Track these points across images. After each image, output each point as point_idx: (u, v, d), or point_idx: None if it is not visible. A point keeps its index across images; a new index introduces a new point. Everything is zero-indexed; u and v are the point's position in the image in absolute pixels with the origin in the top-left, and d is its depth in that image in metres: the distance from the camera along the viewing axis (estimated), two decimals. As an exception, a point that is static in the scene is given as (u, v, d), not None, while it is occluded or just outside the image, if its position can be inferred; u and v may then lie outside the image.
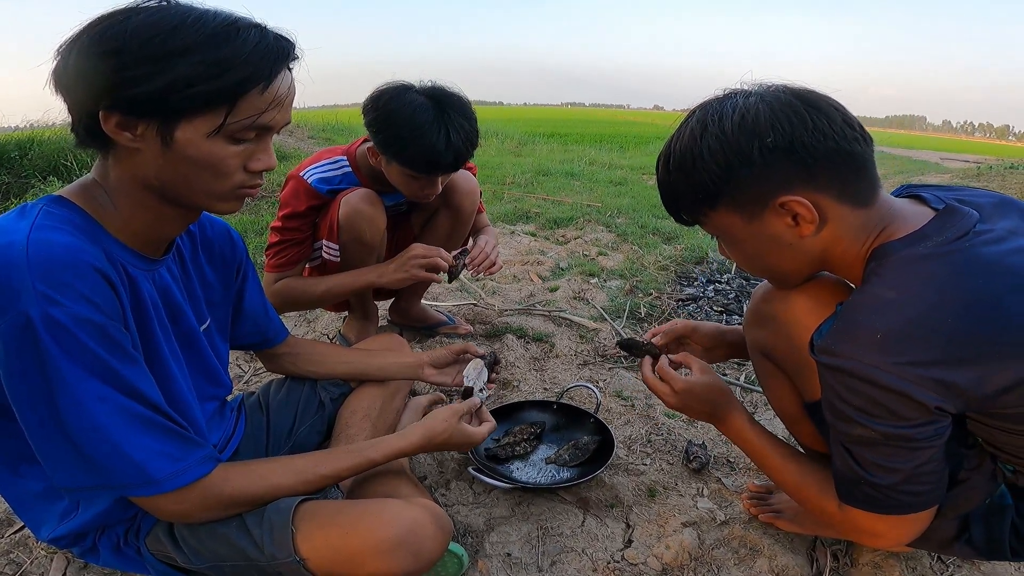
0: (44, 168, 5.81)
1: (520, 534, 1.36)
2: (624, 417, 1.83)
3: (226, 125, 0.80)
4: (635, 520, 1.41)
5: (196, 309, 1.07)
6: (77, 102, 0.80)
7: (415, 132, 1.55)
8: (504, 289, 2.89)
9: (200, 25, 0.77)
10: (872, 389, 0.79)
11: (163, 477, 0.81)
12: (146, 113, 0.78)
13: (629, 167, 8.11)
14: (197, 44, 0.77)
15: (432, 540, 0.94)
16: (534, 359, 2.20)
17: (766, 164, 0.85)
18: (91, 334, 0.75)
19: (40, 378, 0.73)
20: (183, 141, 0.80)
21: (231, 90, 0.79)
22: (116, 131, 0.79)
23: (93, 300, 0.76)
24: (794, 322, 1.00)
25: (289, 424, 1.34)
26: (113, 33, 0.76)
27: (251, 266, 1.25)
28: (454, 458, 1.62)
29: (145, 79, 0.75)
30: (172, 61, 0.76)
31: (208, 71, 0.77)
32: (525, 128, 14.92)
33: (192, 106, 0.78)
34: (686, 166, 0.91)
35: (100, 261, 0.79)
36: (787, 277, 1.00)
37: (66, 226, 0.80)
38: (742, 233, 0.94)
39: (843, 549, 1.32)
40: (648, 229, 4.05)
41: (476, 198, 2.02)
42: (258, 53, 0.80)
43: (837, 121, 0.84)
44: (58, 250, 0.75)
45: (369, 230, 1.78)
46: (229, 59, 0.78)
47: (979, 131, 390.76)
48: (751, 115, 0.86)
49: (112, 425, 0.77)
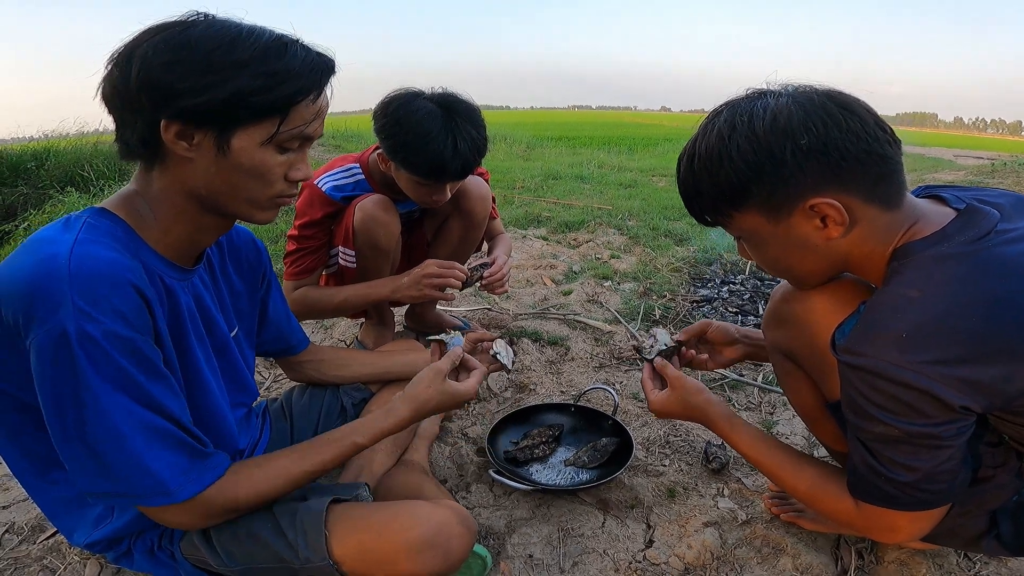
0: (61, 179, 5.86)
1: (541, 535, 1.37)
2: (642, 419, 1.83)
3: (278, 134, 0.85)
4: (655, 520, 1.42)
5: (226, 317, 1.09)
6: (137, 111, 0.82)
7: (422, 139, 1.57)
8: (518, 293, 2.90)
9: (255, 39, 0.82)
10: (895, 388, 0.80)
11: (176, 488, 0.83)
12: (206, 122, 0.81)
13: (638, 169, 8.11)
14: (255, 57, 0.81)
15: (460, 540, 0.95)
16: (550, 362, 2.21)
17: (798, 166, 0.84)
18: (121, 350, 0.78)
19: (70, 388, 0.76)
20: (238, 149, 0.84)
21: (287, 100, 0.83)
22: (174, 140, 0.82)
23: (127, 316, 0.78)
24: (815, 322, 1.00)
25: (312, 429, 1.36)
26: (177, 43, 0.79)
27: (274, 274, 1.27)
28: (474, 461, 1.63)
29: (210, 88, 0.79)
30: (236, 72, 0.79)
31: (267, 82, 0.81)
32: (533, 132, 14.97)
33: (251, 115, 0.82)
34: (712, 166, 0.90)
35: (139, 277, 0.82)
36: (809, 278, 1.00)
37: (108, 239, 0.82)
38: (767, 234, 0.93)
39: (868, 547, 1.32)
40: (660, 231, 4.05)
41: (488, 203, 2.03)
42: (308, 66, 0.84)
43: (869, 123, 0.84)
44: (99, 265, 0.78)
45: (384, 235, 1.80)
46: (285, 71, 0.82)
47: (991, 127, 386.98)
48: (784, 116, 0.85)
49: (133, 437, 0.79)
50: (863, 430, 0.87)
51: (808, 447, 1.70)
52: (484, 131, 1.66)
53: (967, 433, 0.84)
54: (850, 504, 0.96)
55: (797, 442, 1.71)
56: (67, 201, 4.67)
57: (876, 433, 0.85)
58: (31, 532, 1.39)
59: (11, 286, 0.77)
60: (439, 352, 1.23)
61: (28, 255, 0.79)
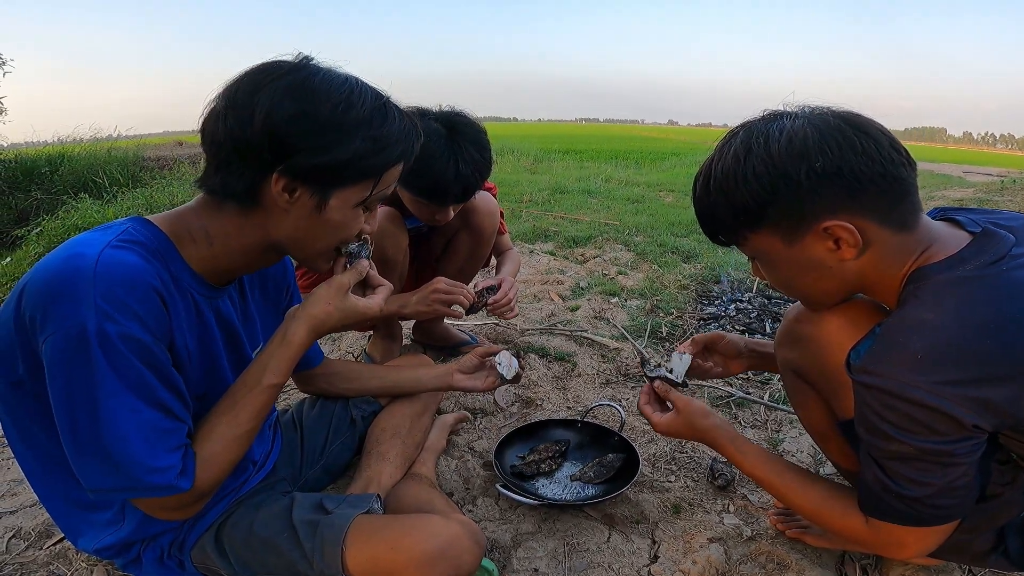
0: (75, 184, 5.91)
1: (547, 550, 1.37)
2: (648, 435, 1.84)
3: (372, 197, 0.88)
4: (661, 536, 1.42)
5: (251, 333, 1.11)
6: (251, 160, 0.82)
7: (424, 162, 1.57)
8: (525, 309, 2.91)
9: (363, 99, 0.83)
10: (909, 407, 0.81)
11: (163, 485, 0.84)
12: (313, 180, 0.83)
13: (645, 184, 8.14)
14: (366, 118, 0.82)
15: (470, 555, 0.97)
16: (557, 378, 2.22)
17: (813, 188, 0.85)
18: (136, 352, 0.80)
19: (83, 384, 0.78)
20: (333, 208, 0.86)
21: (386, 165, 0.86)
22: (278, 192, 0.83)
23: (145, 320, 0.81)
24: (828, 342, 1.01)
25: (322, 441, 1.38)
26: (301, 94, 0.80)
27: (297, 288, 1.28)
28: (480, 475, 1.64)
29: (329, 149, 0.81)
30: (352, 133, 0.81)
31: (375, 147, 0.83)
32: (540, 144, 15.02)
33: (355, 177, 0.85)
34: (728, 187, 0.91)
35: (162, 283, 0.84)
36: (822, 299, 1.01)
37: (139, 247, 0.84)
38: (781, 255, 0.94)
39: (872, 563, 1.32)
40: (667, 247, 4.06)
41: (496, 219, 2.05)
42: (405, 131, 0.87)
43: (884, 145, 0.85)
44: (124, 269, 0.80)
45: (391, 248, 1.82)
46: (387, 136, 0.84)
47: (1000, 142, 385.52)
48: (799, 138, 0.86)
49: (141, 435, 0.81)
50: (877, 448, 0.88)
51: (814, 464, 1.70)
52: (488, 153, 1.67)
53: (979, 451, 0.85)
54: (859, 521, 0.97)
55: (803, 460, 1.72)
56: (80, 207, 4.71)
57: (890, 451, 0.86)
58: (38, 537, 1.41)
59: (36, 283, 0.79)
60: (343, 265, 1.12)
61: (60, 254, 0.81)
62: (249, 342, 1.10)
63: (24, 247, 4.11)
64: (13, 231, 4.66)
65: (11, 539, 1.40)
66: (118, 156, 6.73)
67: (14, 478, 1.63)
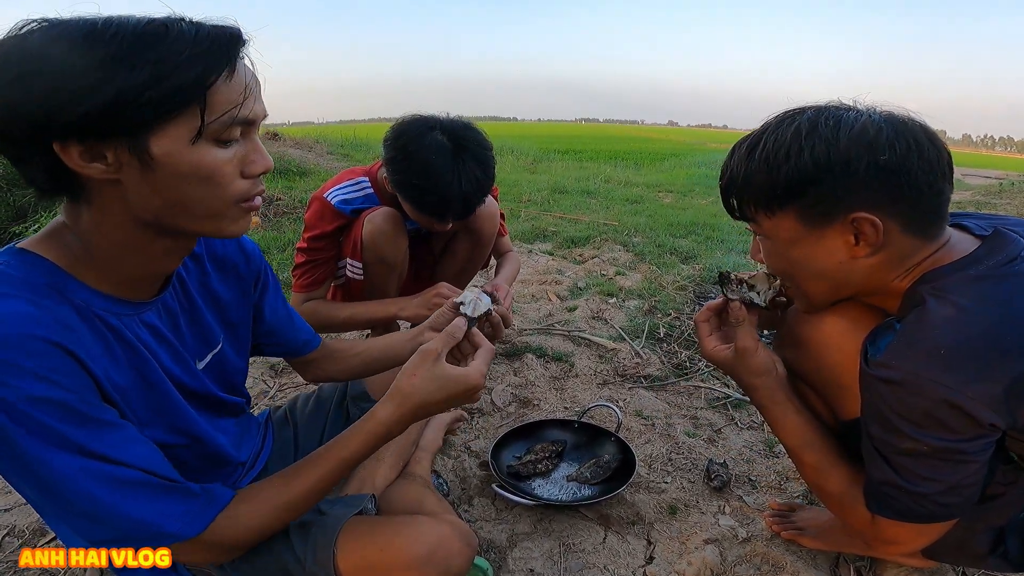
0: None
1: (542, 550, 1.37)
2: (644, 436, 1.84)
3: (206, 126, 0.71)
4: (656, 537, 1.43)
5: (204, 337, 1.01)
6: (19, 144, 0.70)
7: (426, 181, 1.59)
8: (523, 309, 2.92)
9: (117, 30, 0.67)
10: (928, 403, 0.81)
11: (177, 530, 0.78)
12: (108, 134, 0.68)
13: (645, 184, 8.14)
14: (127, 48, 0.67)
15: (459, 556, 0.96)
16: (554, 378, 2.23)
17: (865, 180, 0.85)
18: (49, 412, 0.68)
19: (11, 459, 0.69)
20: (163, 156, 0.70)
21: (194, 84, 0.69)
22: (82, 164, 0.69)
23: (48, 377, 0.68)
24: (827, 344, 1.02)
25: (317, 439, 1.37)
26: (22, 56, 0.66)
27: (271, 276, 1.19)
28: (477, 475, 1.64)
29: (83, 96, 0.65)
30: (108, 70, 0.66)
31: (155, 71, 0.67)
32: (540, 144, 15.03)
33: (156, 113, 0.68)
34: (777, 159, 0.89)
35: (59, 330, 0.71)
36: (817, 293, 1.00)
37: (21, 290, 0.71)
38: (796, 239, 0.93)
39: (867, 565, 1.32)
40: (665, 248, 4.07)
41: (496, 221, 2.05)
42: (204, 43, 0.70)
43: (944, 159, 0.86)
44: (7, 327, 0.67)
45: (391, 249, 1.82)
46: (173, 55, 0.68)
47: (1000, 145, 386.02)
48: (873, 130, 0.85)
49: (105, 492, 0.73)
50: (888, 444, 0.88)
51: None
52: (492, 171, 1.67)
53: (991, 449, 0.85)
54: (865, 513, 0.97)
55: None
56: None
57: (903, 447, 0.86)
58: (32, 536, 1.41)
59: None
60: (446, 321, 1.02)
61: None
62: (200, 347, 0.99)
63: (22, 244, 4.11)
64: (11, 228, 4.64)
65: (4, 537, 1.40)
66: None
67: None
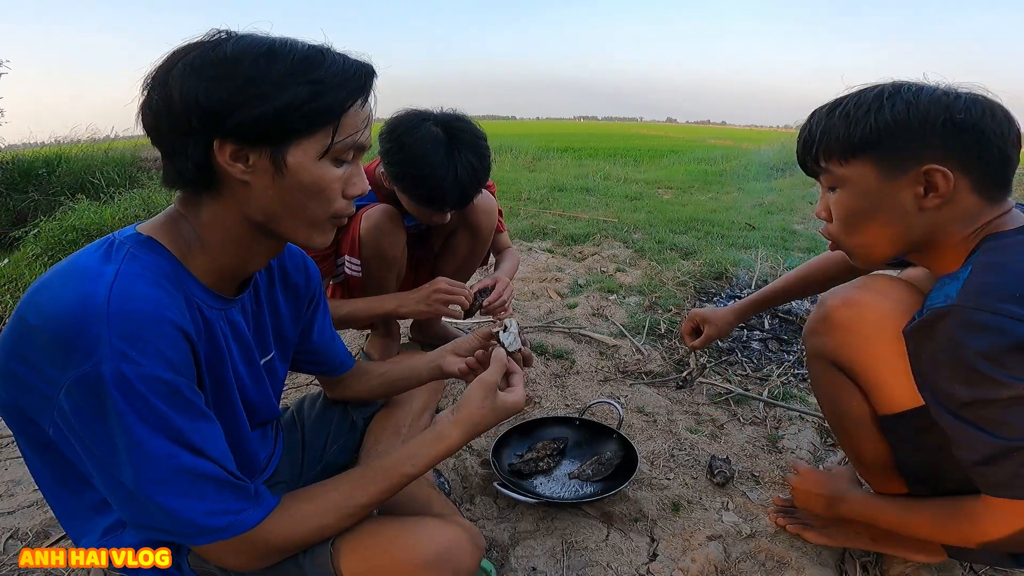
0: (72, 185, 5.88)
1: (545, 548, 1.37)
2: (646, 432, 1.84)
3: (334, 144, 0.82)
4: (660, 534, 1.42)
5: (262, 342, 1.07)
6: (186, 135, 0.78)
7: (423, 171, 1.59)
8: (523, 306, 2.91)
9: (290, 49, 0.79)
10: (1015, 339, 0.80)
11: (222, 527, 0.81)
12: (261, 140, 0.79)
13: (644, 181, 8.14)
14: (296, 66, 0.78)
15: (468, 557, 0.95)
16: (555, 376, 2.22)
17: (941, 134, 0.91)
18: (161, 393, 0.74)
19: (104, 430, 0.73)
20: (295, 166, 0.81)
21: (338, 107, 0.81)
22: (230, 163, 0.79)
23: (169, 358, 0.75)
24: (873, 329, 1.02)
25: (322, 443, 1.36)
26: (213, 60, 0.77)
27: (323, 298, 1.24)
28: (478, 473, 1.64)
29: (260, 101, 0.76)
30: (281, 82, 0.77)
31: (315, 89, 0.78)
32: (539, 143, 14.99)
33: (304, 127, 0.80)
34: (857, 114, 0.96)
35: (182, 316, 0.79)
36: (878, 247, 1.02)
37: (151, 274, 0.79)
38: (868, 189, 0.98)
39: (872, 561, 1.32)
40: (665, 244, 4.06)
41: (494, 217, 2.05)
42: (350, 71, 0.82)
43: (1015, 130, 0.93)
44: (142, 304, 0.74)
45: (390, 245, 1.82)
46: (330, 77, 0.80)
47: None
48: (952, 95, 0.93)
49: (176, 482, 0.77)
50: (984, 402, 0.84)
51: (813, 460, 1.70)
52: (487, 160, 1.68)
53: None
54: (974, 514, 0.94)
55: (803, 456, 1.71)
56: (78, 208, 4.69)
57: (1003, 399, 0.82)
58: (35, 538, 1.41)
59: (43, 330, 0.72)
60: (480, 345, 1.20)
61: (65, 290, 0.74)
62: (259, 351, 1.05)
63: (22, 248, 4.10)
64: (11, 233, 4.64)
65: (8, 540, 1.40)
66: (115, 157, 6.68)
67: (12, 479, 1.63)
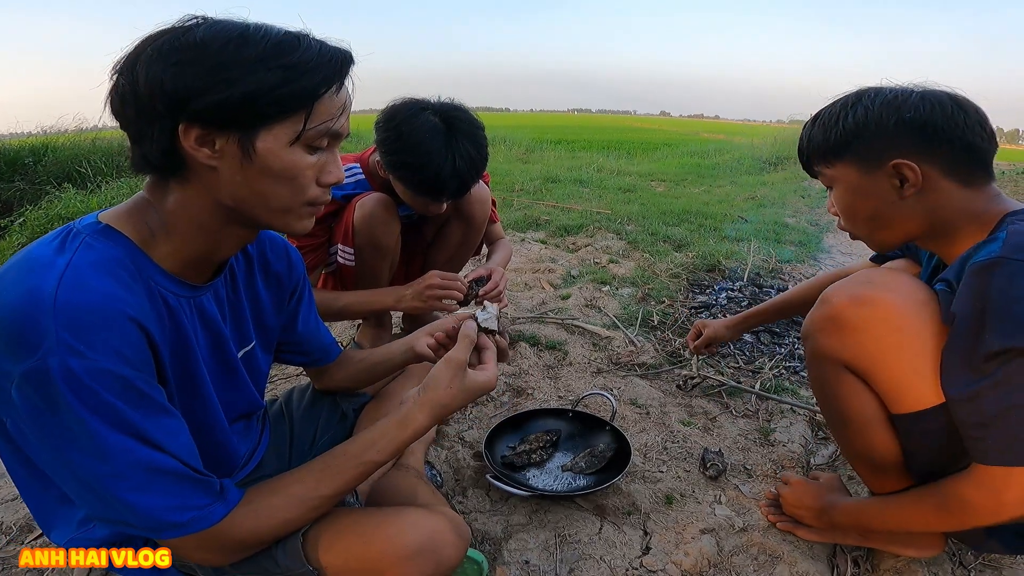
0: (58, 175, 5.84)
1: (538, 541, 1.36)
2: (640, 425, 1.83)
3: (306, 131, 0.80)
4: (653, 527, 1.41)
5: (241, 331, 1.05)
6: (152, 119, 0.77)
7: (421, 159, 1.57)
8: (516, 297, 2.90)
9: (264, 34, 0.78)
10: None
11: (182, 522, 0.78)
12: (228, 125, 0.77)
13: (637, 173, 8.13)
14: (268, 51, 0.76)
15: (452, 547, 0.94)
16: (548, 367, 2.21)
17: (895, 132, 1.02)
18: (112, 387, 0.72)
19: (55, 425, 0.71)
20: (264, 152, 0.79)
21: (310, 93, 0.79)
22: (195, 147, 0.77)
23: (121, 352, 0.73)
24: (890, 325, 1.02)
25: (311, 435, 1.34)
26: (181, 45, 0.75)
27: (308, 288, 1.22)
28: (471, 465, 1.63)
29: (227, 86, 0.74)
30: (251, 67, 0.75)
31: (286, 75, 0.77)
32: (532, 135, 14.96)
33: (275, 112, 0.78)
34: (829, 122, 1.10)
35: (139, 307, 0.77)
36: (885, 235, 1.13)
37: (106, 264, 0.77)
38: (855, 184, 1.10)
39: (864, 555, 1.31)
40: (659, 236, 4.05)
41: (488, 207, 2.03)
42: (326, 57, 0.80)
43: (972, 120, 1.01)
44: (91, 296, 0.72)
45: (384, 234, 1.80)
46: (303, 63, 0.78)
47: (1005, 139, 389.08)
48: (902, 97, 1.04)
49: (133, 476, 0.74)
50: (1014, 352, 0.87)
51: (804, 455, 1.70)
52: (485, 149, 1.67)
53: None
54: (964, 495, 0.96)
55: (795, 450, 1.71)
56: (64, 197, 4.64)
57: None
58: (19, 532, 1.39)
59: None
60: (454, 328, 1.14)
61: (13, 284, 0.71)
62: (236, 341, 1.03)
63: (7, 237, 4.06)
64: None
65: (-9, 534, 1.38)
66: (102, 146, 6.60)
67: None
